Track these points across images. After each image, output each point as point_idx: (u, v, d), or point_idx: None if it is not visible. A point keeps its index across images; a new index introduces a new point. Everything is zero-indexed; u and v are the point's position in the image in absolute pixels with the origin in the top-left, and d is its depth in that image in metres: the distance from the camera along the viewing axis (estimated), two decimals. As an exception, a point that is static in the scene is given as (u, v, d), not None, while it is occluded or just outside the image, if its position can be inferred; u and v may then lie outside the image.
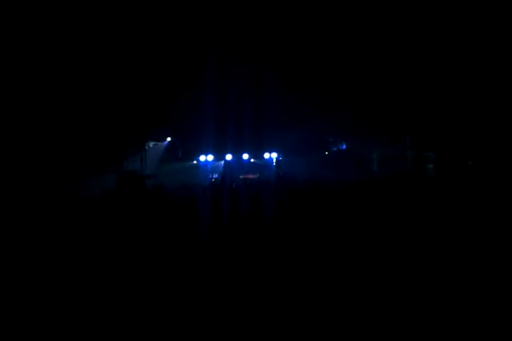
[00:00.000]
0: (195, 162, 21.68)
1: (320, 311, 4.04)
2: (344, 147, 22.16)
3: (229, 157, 21.20)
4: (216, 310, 4.15)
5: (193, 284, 4.89)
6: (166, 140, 21.27)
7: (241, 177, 20.42)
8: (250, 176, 20.77)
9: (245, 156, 21.30)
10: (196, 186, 16.69)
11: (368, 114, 18.13)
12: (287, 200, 11.05)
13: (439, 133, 17.47)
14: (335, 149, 22.67)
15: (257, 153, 21.56)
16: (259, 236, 7.25)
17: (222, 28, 15.44)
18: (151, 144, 20.73)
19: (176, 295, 4.60)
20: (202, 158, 20.93)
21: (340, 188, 12.82)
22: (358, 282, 4.76)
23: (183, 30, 15.64)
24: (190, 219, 8.80)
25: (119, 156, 17.79)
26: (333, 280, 4.87)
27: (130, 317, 4.04)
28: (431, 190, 11.60)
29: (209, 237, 7.44)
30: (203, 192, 15.09)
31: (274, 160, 21.40)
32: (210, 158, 20.94)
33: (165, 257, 6.10)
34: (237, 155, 21.23)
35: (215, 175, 20.89)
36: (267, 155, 21.33)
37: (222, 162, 21.48)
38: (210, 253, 6.32)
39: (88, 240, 6.98)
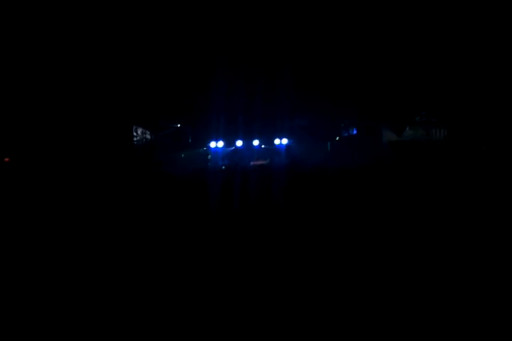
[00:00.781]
0: (205, 148, 21.71)
1: (320, 309, 4.05)
2: (355, 132, 21.94)
3: (239, 143, 21.18)
4: (218, 306, 4.16)
5: (196, 277, 4.91)
6: (175, 126, 21.32)
7: (251, 163, 20.42)
8: (261, 162, 20.75)
9: (256, 142, 21.26)
10: (206, 172, 16.77)
11: (377, 97, 17.92)
12: (295, 186, 11.01)
13: (453, 118, 17.21)
14: (346, 134, 22.45)
15: (267, 139, 21.50)
16: (265, 226, 7.25)
17: (233, 14, 15.32)
18: (160, 131, 20.81)
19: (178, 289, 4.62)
20: (212, 144, 20.95)
21: (346, 174, 12.74)
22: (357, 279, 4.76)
23: (192, 23, 15.58)
24: (196, 206, 8.82)
25: (128, 144, 17.90)
26: (332, 276, 4.86)
27: (130, 315, 4.03)
28: (441, 176, 11.44)
29: (216, 225, 7.48)
30: (213, 177, 15.15)
31: (285, 146, 21.33)
32: (221, 144, 20.95)
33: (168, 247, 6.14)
34: (248, 141, 21.20)
35: (226, 161, 20.93)
36: (277, 141, 21.26)
37: (233, 148, 21.48)
38: (215, 241, 6.35)
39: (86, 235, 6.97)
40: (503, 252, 5.10)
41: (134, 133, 19.27)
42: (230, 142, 21.18)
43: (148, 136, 20.23)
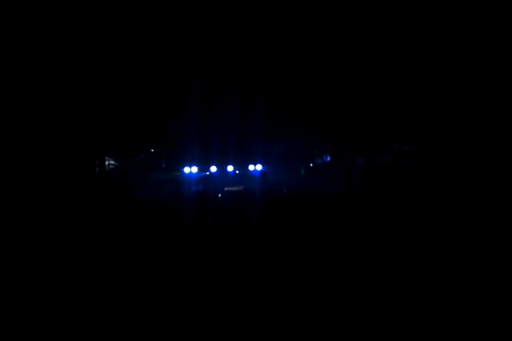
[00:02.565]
0: (178, 174, 21.47)
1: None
2: (328, 159, 22.23)
3: (213, 169, 21.06)
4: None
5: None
6: (149, 151, 21.11)
7: (226, 189, 20.26)
8: (235, 188, 20.61)
9: (230, 168, 21.19)
10: (179, 198, 16.54)
11: (350, 127, 18.30)
12: (271, 211, 10.97)
13: (422, 145, 17.66)
14: (319, 161, 22.71)
15: (241, 165, 21.46)
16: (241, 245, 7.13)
17: (209, 39, 15.53)
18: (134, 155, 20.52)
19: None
20: (186, 169, 20.76)
21: (321, 200, 12.82)
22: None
23: (169, 41, 15.68)
24: (170, 231, 8.64)
25: (100, 165, 17.52)
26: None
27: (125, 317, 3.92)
28: (413, 201, 11.65)
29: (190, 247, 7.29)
30: (186, 203, 14.93)
31: (260, 172, 21.32)
32: (195, 169, 20.78)
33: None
34: (222, 167, 21.11)
35: (200, 187, 20.70)
36: (251, 167, 21.24)
37: (207, 174, 21.32)
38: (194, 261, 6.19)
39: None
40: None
41: (107, 159, 18.94)
42: (204, 167, 21.04)
43: (122, 161, 19.91)
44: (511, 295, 4.10)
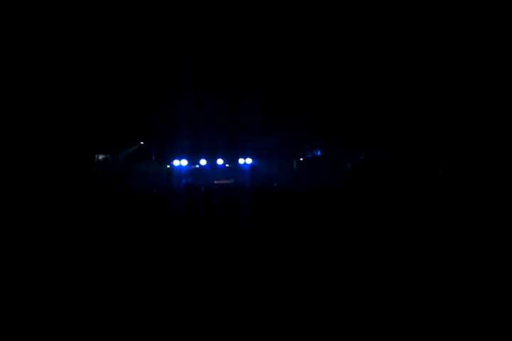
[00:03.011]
0: (168, 166, 21.36)
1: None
2: (319, 153, 22.27)
3: (203, 162, 20.98)
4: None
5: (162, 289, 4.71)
6: (139, 143, 20.95)
7: (215, 182, 20.21)
8: (225, 181, 20.57)
9: (220, 161, 21.12)
10: (169, 191, 16.45)
11: (340, 121, 18.33)
12: (260, 205, 10.95)
13: (411, 141, 17.75)
14: (310, 156, 22.75)
15: (231, 159, 21.40)
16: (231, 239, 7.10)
17: (199, 32, 15.36)
18: (124, 147, 20.36)
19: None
20: (176, 162, 20.63)
21: (309, 194, 12.85)
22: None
23: (159, 32, 15.46)
24: (160, 224, 8.58)
25: (90, 158, 17.34)
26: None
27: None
28: (401, 197, 11.71)
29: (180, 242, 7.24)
30: (176, 196, 14.85)
31: (250, 166, 21.30)
32: (184, 162, 20.67)
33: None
34: (212, 160, 21.03)
35: (189, 180, 20.61)
36: (241, 161, 21.21)
37: (197, 166, 21.23)
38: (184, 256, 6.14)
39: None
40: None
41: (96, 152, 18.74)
42: (193, 160, 20.94)
43: (111, 154, 19.72)
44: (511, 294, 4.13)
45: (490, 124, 14.74)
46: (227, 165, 21.44)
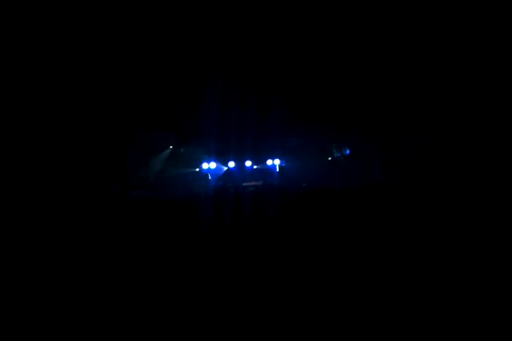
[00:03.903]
0: (197, 169, 21.61)
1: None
2: (348, 152, 22.02)
3: (232, 164, 21.14)
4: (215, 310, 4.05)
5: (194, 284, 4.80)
6: (168, 147, 21.26)
7: (244, 184, 20.32)
8: (253, 183, 20.66)
9: (248, 163, 21.23)
10: (198, 194, 16.66)
11: (369, 118, 18.07)
12: (291, 206, 10.94)
13: (443, 136, 17.35)
14: (338, 155, 22.53)
15: (259, 160, 21.48)
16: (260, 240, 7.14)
17: (222, 33, 15.43)
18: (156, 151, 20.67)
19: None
20: (205, 165, 20.87)
21: (340, 194, 12.72)
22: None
23: (186, 39, 15.59)
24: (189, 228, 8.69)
25: (121, 163, 17.63)
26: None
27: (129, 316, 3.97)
28: (435, 194, 11.45)
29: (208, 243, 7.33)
30: (205, 200, 15.03)
31: (278, 167, 21.32)
32: (213, 165, 20.88)
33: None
34: (240, 162, 21.16)
35: (219, 183, 20.81)
36: (269, 162, 21.26)
37: (225, 169, 21.42)
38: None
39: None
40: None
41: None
42: (222, 163, 21.14)
43: (141, 158, 20.06)
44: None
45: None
46: (255, 166, 21.53)
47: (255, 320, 3.87)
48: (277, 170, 21.17)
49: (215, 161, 20.84)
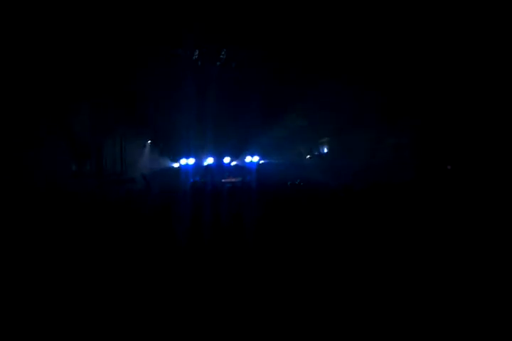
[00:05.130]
0: (175, 165, 21.42)
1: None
2: (325, 151, 22.13)
3: (210, 160, 21.04)
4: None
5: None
6: (146, 142, 20.97)
7: (223, 180, 20.22)
8: (232, 180, 20.57)
9: (227, 160, 21.16)
10: (176, 190, 16.51)
11: (347, 120, 18.10)
12: (268, 203, 10.93)
13: (419, 136, 17.51)
14: (316, 154, 22.61)
15: (238, 157, 21.45)
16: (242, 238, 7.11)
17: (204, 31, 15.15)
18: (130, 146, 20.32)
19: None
20: (183, 161, 20.70)
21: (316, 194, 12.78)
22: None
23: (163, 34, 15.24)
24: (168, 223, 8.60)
25: (98, 158, 17.31)
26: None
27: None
28: (410, 196, 11.59)
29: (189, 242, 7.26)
30: (183, 195, 14.91)
31: (256, 164, 21.30)
32: (191, 161, 20.72)
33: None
34: (219, 159, 21.07)
35: (197, 179, 20.64)
36: (248, 159, 21.24)
37: (204, 165, 21.28)
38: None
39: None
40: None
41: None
42: (200, 159, 21.01)
43: (118, 153, 19.70)
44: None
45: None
46: (234, 163, 21.48)
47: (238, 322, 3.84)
48: (256, 167, 21.13)
49: (193, 157, 20.68)
